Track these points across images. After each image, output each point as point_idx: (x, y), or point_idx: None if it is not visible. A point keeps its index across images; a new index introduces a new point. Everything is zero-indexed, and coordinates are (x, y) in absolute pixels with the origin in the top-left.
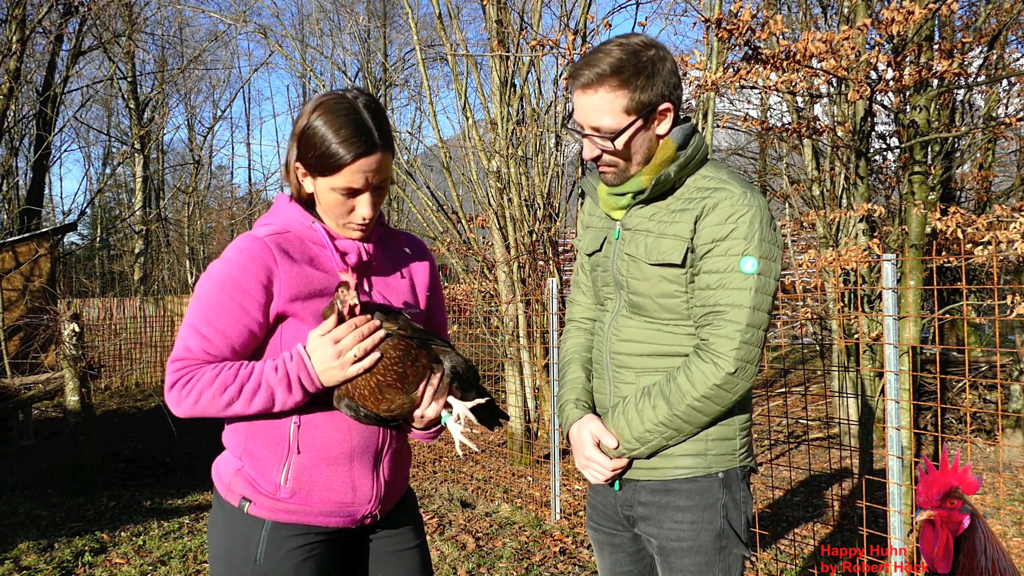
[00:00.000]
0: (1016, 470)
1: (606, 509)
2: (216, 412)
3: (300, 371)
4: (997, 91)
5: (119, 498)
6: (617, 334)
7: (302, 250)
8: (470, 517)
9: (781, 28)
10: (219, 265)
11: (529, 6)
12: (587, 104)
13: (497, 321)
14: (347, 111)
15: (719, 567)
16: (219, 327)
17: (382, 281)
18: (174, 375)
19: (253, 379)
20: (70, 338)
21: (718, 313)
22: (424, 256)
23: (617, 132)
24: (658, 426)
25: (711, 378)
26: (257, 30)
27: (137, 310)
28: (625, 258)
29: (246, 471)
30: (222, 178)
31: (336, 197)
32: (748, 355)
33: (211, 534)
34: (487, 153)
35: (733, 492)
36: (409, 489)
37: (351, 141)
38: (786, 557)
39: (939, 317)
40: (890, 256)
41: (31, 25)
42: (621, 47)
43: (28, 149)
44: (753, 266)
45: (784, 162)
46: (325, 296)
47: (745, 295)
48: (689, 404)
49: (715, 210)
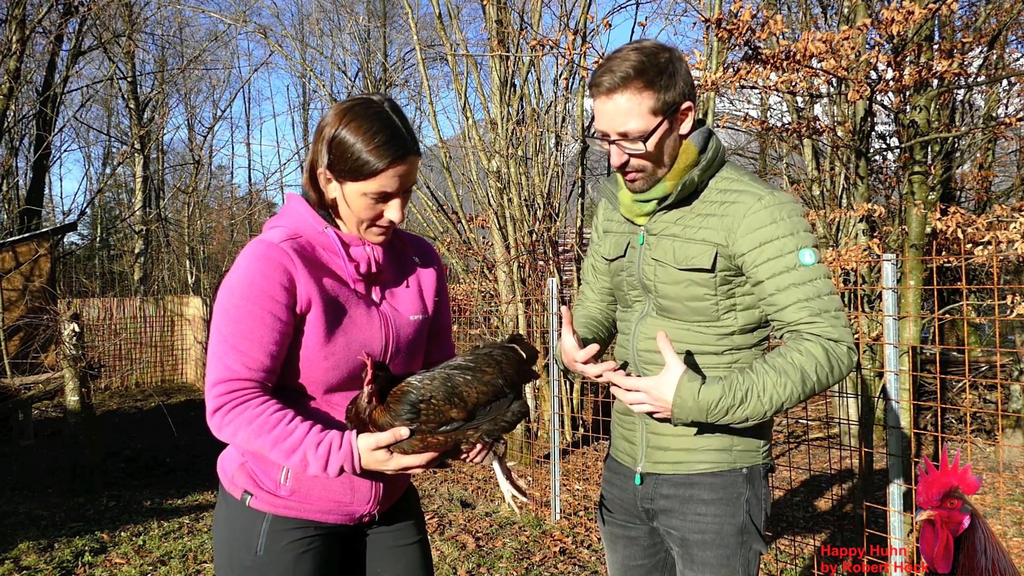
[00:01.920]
0: (1016, 470)
1: (623, 502)
2: (250, 450)
3: (345, 461)
4: (997, 91)
5: (119, 498)
6: (645, 332)
7: (315, 255)
8: (470, 517)
9: (781, 28)
10: (240, 276)
11: (529, 6)
12: (612, 109)
13: (497, 321)
14: (378, 116)
15: (739, 561)
16: (255, 339)
17: (391, 290)
18: (218, 400)
19: (291, 441)
20: (70, 338)
21: (809, 310)
22: (432, 260)
23: (647, 134)
24: (778, 401)
25: (838, 356)
26: (257, 30)
27: (137, 310)
28: (652, 263)
29: (249, 466)
30: (222, 178)
31: (367, 202)
32: (850, 336)
33: (216, 525)
34: (487, 153)
35: (756, 488)
36: (411, 487)
37: (388, 146)
38: (786, 557)
39: (939, 317)
40: (890, 256)
41: (31, 25)
42: (638, 51)
43: (28, 149)
44: (811, 256)
45: (784, 162)
46: (338, 305)
47: (820, 284)
48: (804, 377)
49: (750, 216)
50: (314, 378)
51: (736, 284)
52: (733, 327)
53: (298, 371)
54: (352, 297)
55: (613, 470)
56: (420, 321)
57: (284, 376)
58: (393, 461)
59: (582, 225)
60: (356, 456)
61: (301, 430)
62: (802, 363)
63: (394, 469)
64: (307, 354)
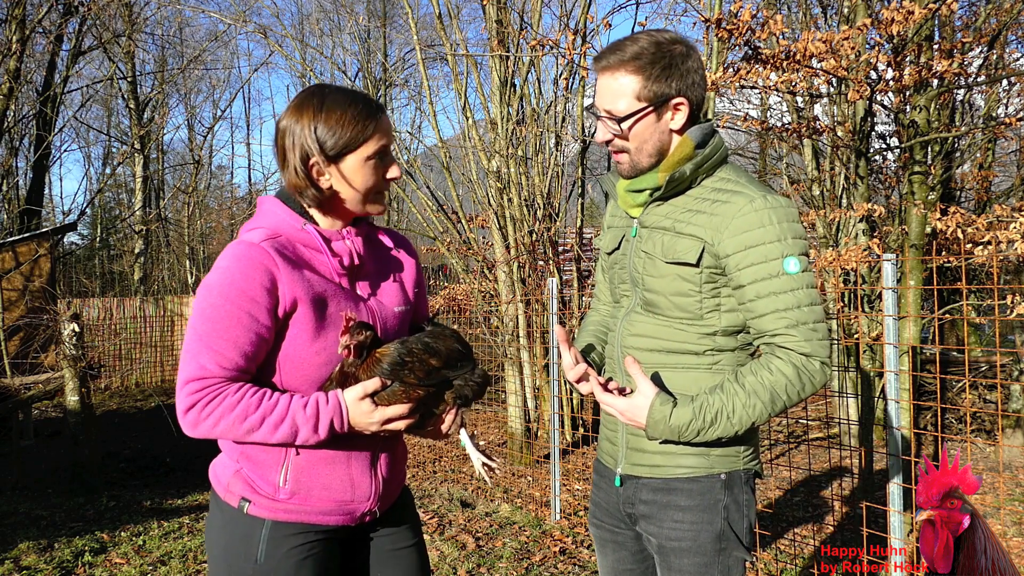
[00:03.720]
0: (1016, 470)
1: (608, 506)
2: (234, 438)
3: (335, 415)
4: (997, 91)
5: (119, 498)
6: (629, 329)
7: (297, 253)
8: (470, 517)
9: (781, 28)
10: (218, 276)
11: (529, 6)
12: (603, 87)
13: (497, 321)
14: (339, 91)
15: (718, 569)
16: (230, 338)
17: (373, 283)
18: (191, 397)
19: (277, 412)
20: (70, 338)
21: (785, 321)
22: (410, 253)
23: (625, 116)
24: (741, 419)
25: (810, 373)
26: (257, 30)
27: (137, 310)
28: (642, 255)
29: (245, 472)
30: (222, 178)
31: (372, 165)
32: (825, 350)
33: (210, 535)
34: (487, 153)
35: (735, 494)
36: (405, 487)
37: (366, 108)
38: (786, 557)
39: (939, 317)
40: (890, 256)
41: (31, 25)
42: (649, 36)
43: (28, 149)
44: (796, 265)
45: (784, 162)
46: (325, 301)
47: (801, 295)
48: (773, 397)
49: (739, 217)
50: (308, 375)
51: (721, 284)
52: (716, 327)
53: (293, 372)
54: (338, 291)
55: (599, 472)
56: (404, 312)
57: (280, 379)
58: (378, 413)
59: (582, 225)
60: (344, 409)
61: (284, 400)
62: (772, 383)
63: (379, 423)
64: (299, 352)
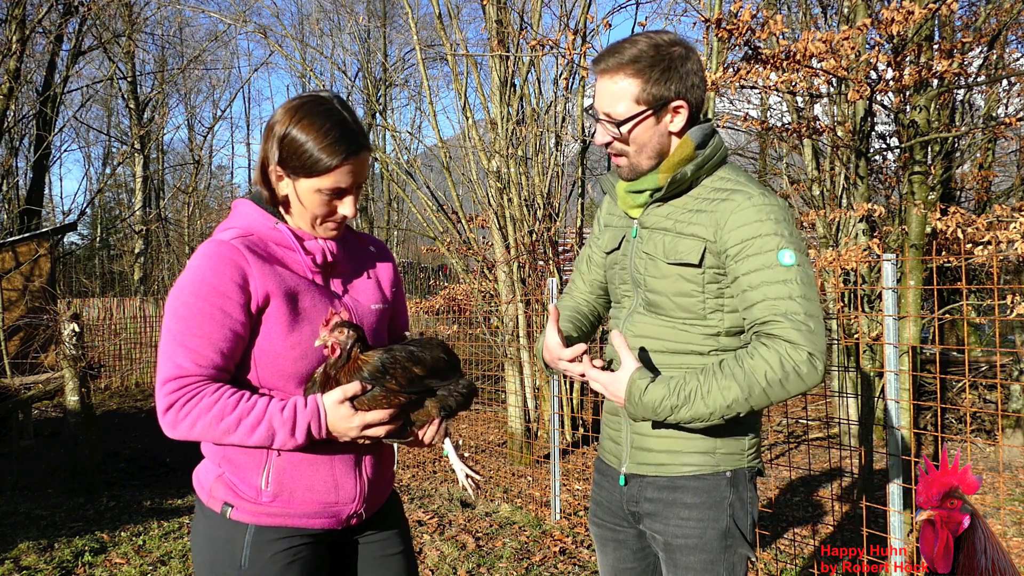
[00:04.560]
0: (1016, 470)
1: (611, 505)
2: (211, 439)
3: (312, 419)
4: (997, 91)
5: (119, 498)
6: (632, 330)
7: (269, 251)
8: (470, 517)
9: (781, 28)
10: (190, 275)
11: (529, 6)
12: (603, 89)
13: (497, 321)
14: (329, 113)
15: (723, 566)
16: (204, 336)
17: (348, 281)
18: (169, 397)
19: (254, 414)
20: (70, 338)
21: (773, 310)
22: (387, 255)
23: (624, 119)
24: (722, 408)
25: (795, 362)
26: (257, 30)
27: (137, 310)
28: (643, 256)
29: (226, 476)
30: (222, 178)
31: (321, 198)
32: (815, 344)
33: (194, 541)
34: (487, 153)
35: (740, 492)
36: (394, 492)
37: (340, 143)
38: (786, 557)
39: (939, 317)
40: (890, 256)
41: (31, 25)
42: (648, 39)
43: (28, 149)
44: (792, 258)
45: (784, 162)
46: (298, 295)
47: (794, 286)
48: (750, 383)
49: (737, 212)
50: (284, 371)
51: (724, 284)
52: (719, 328)
53: (268, 367)
54: (311, 287)
55: (601, 471)
56: (381, 310)
57: (256, 375)
58: (357, 417)
59: (582, 225)
60: (322, 412)
61: (262, 402)
62: (752, 368)
63: (358, 428)
64: (273, 347)
